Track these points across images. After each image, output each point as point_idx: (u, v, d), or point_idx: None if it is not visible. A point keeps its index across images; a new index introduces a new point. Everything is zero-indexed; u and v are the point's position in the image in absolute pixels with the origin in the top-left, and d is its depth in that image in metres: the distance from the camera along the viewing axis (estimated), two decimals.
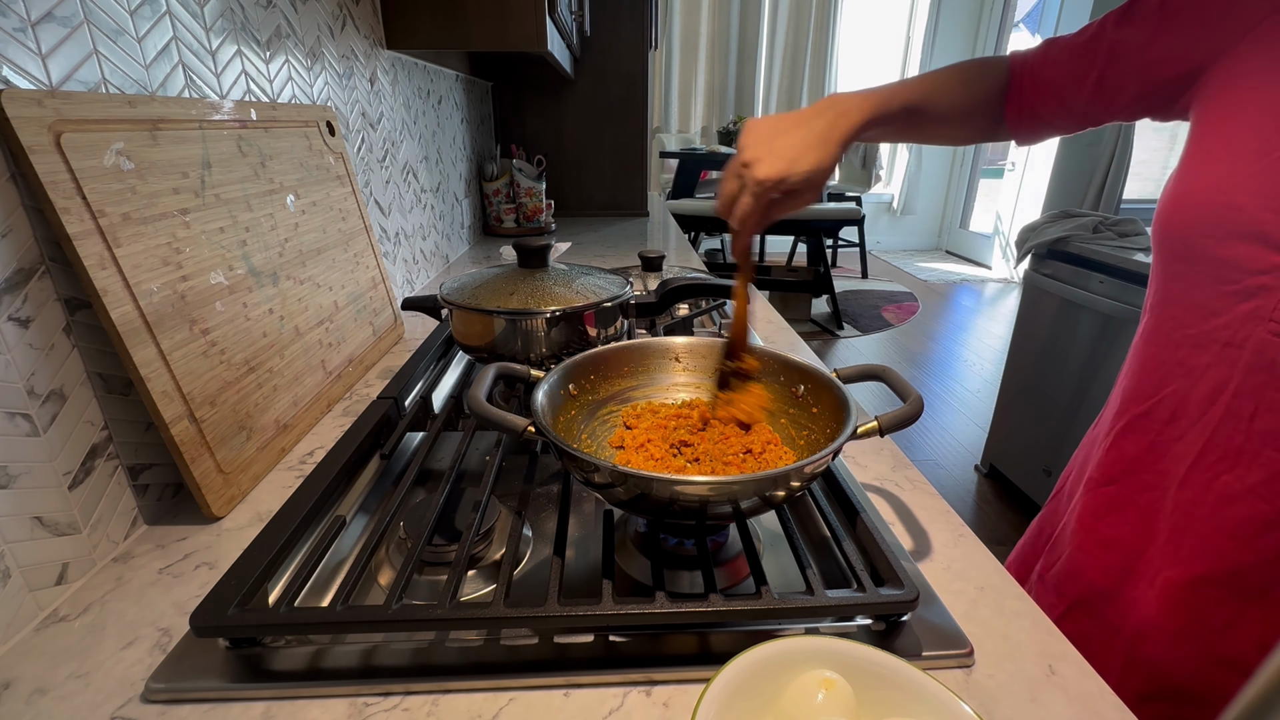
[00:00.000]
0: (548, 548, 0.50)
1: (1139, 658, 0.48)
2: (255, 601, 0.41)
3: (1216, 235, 0.43)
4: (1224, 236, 0.43)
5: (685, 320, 0.96)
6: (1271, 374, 0.41)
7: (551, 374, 0.52)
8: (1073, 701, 0.38)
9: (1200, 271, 0.45)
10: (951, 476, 2.24)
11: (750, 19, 4.76)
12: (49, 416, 0.42)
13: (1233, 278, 0.43)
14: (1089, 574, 0.54)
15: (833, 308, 3.78)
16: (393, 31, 1.06)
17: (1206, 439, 0.45)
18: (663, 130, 4.89)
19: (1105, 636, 0.48)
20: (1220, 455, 0.44)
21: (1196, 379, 0.46)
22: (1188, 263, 0.46)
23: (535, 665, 0.39)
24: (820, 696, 0.31)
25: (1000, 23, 4.90)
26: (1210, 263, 0.44)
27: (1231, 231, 0.43)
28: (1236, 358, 0.43)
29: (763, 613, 0.40)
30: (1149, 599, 0.49)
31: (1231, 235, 0.43)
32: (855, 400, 0.49)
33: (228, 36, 0.64)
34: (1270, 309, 0.41)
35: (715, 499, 0.41)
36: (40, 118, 0.41)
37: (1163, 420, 0.49)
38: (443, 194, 1.42)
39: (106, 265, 0.44)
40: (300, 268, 0.69)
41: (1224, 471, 0.44)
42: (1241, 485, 0.43)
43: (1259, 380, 0.42)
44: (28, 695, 0.37)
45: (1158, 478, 0.49)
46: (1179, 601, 0.47)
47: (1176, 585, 0.47)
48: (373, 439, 0.61)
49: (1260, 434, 0.42)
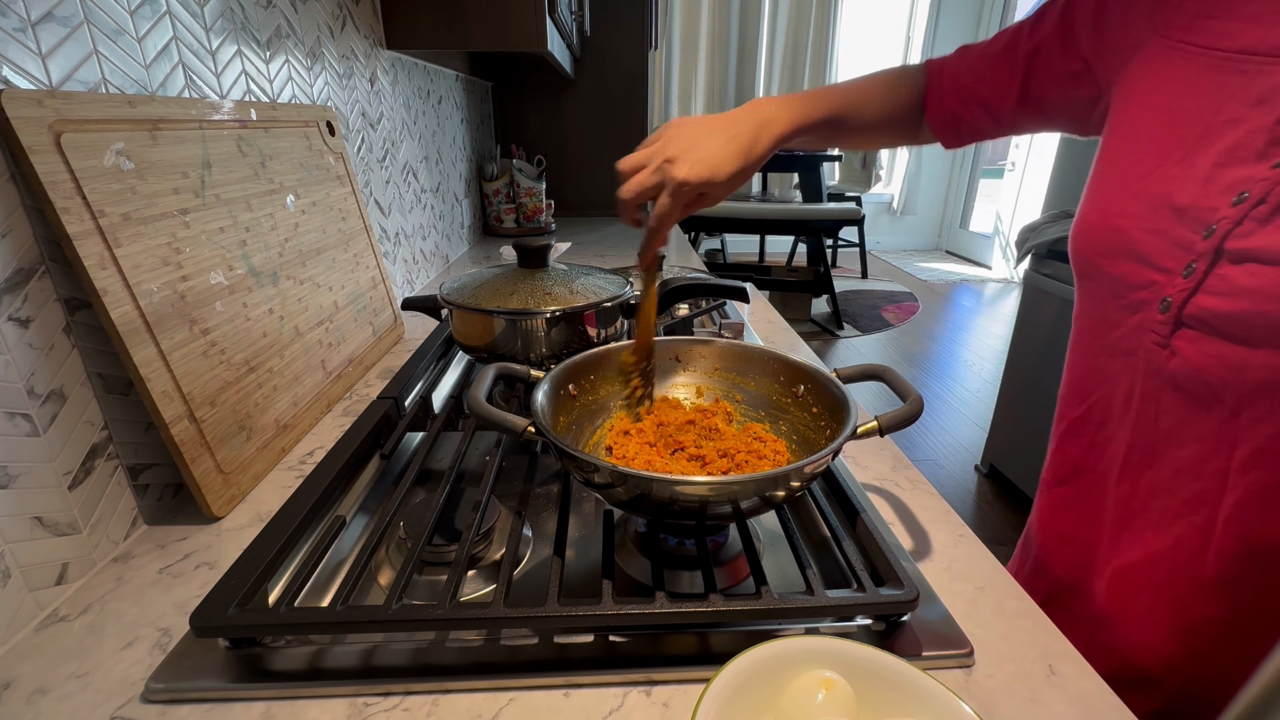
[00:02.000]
0: (548, 548, 0.50)
1: (1095, 645, 0.51)
2: (255, 601, 0.41)
3: (1107, 255, 0.47)
4: (1112, 256, 0.47)
5: (685, 320, 0.96)
6: (1160, 379, 0.45)
7: (551, 374, 0.52)
8: (1073, 701, 0.38)
9: (1100, 288, 0.49)
10: (951, 476, 2.24)
11: (750, 19, 4.76)
12: (49, 416, 0.42)
13: (1121, 293, 0.47)
14: (1054, 570, 0.57)
15: (833, 308, 3.78)
16: (393, 31, 1.06)
17: (1129, 440, 0.49)
18: None
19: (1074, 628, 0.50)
20: (1141, 455, 0.48)
21: (1113, 385, 0.50)
22: (1090, 280, 0.50)
23: (535, 665, 0.39)
24: (820, 696, 0.31)
25: (1000, 23, 4.89)
26: (1105, 280, 0.48)
27: (1116, 251, 0.46)
28: (1136, 365, 0.47)
29: (763, 613, 0.40)
30: (1101, 589, 0.52)
31: (1117, 255, 0.46)
32: (855, 400, 0.49)
33: (228, 36, 0.64)
34: (1151, 321, 0.44)
35: (715, 499, 0.41)
36: (40, 118, 0.41)
37: (1095, 424, 0.52)
38: (443, 194, 1.42)
39: (106, 265, 0.44)
40: (300, 268, 0.69)
41: (1146, 469, 0.48)
42: (1157, 480, 0.47)
43: (1154, 385, 0.45)
44: (28, 695, 0.37)
45: (1098, 477, 0.52)
46: (1115, 589, 0.50)
47: (1115, 574, 0.50)
48: (373, 439, 0.61)
49: (1164, 433, 0.45)
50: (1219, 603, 0.44)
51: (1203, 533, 0.44)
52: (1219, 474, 0.42)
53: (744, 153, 0.53)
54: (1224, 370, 0.40)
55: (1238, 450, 0.41)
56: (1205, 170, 0.41)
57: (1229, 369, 0.40)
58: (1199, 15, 0.44)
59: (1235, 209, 0.39)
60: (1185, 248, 0.41)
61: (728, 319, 0.99)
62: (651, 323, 0.57)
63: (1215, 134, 0.41)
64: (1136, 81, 0.48)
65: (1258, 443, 0.40)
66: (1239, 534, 0.42)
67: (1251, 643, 0.43)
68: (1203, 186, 0.41)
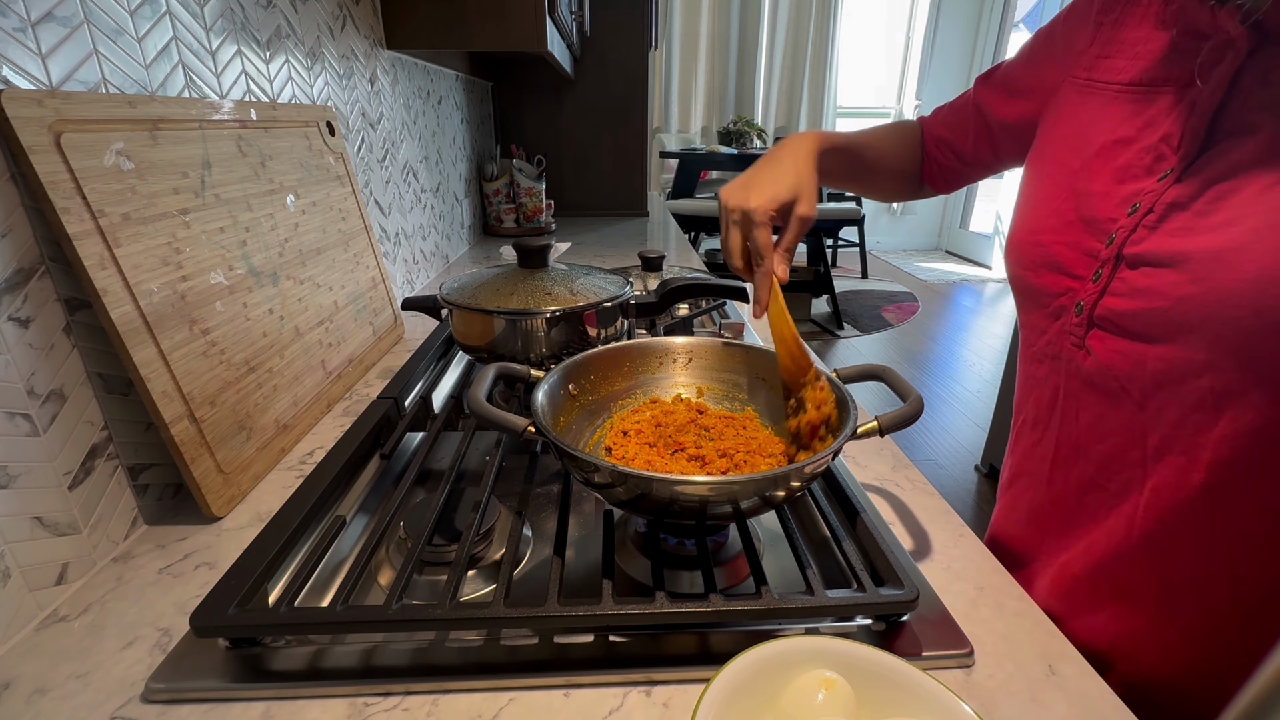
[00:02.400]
0: (548, 548, 0.50)
1: None
2: (255, 601, 0.41)
3: (1031, 268, 0.52)
4: (1035, 268, 0.52)
5: (685, 320, 0.96)
6: (1079, 379, 0.49)
7: (551, 374, 0.52)
8: (1073, 701, 0.38)
9: (1029, 299, 0.54)
10: (951, 476, 2.24)
11: (750, 19, 4.76)
12: (49, 416, 0.42)
13: (1045, 302, 0.52)
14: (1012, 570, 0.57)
15: (833, 308, 3.78)
16: (393, 31, 1.06)
17: (1056, 439, 0.52)
18: (663, 130, 4.89)
19: None
20: (1068, 452, 0.51)
21: (1043, 388, 0.54)
22: (1021, 293, 0.55)
23: (535, 665, 0.39)
24: (820, 696, 0.31)
25: (1000, 23, 4.89)
26: (1031, 291, 0.53)
27: (1039, 263, 0.52)
28: (1059, 368, 0.51)
29: (763, 613, 0.40)
30: (1046, 585, 0.54)
31: (1040, 267, 0.51)
32: (855, 400, 0.49)
33: (228, 36, 0.64)
34: (1069, 325, 0.49)
35: (715, 499, 0.41)
36: (40, 118, 0.41)
37: (1029, 426, 0.57)
38: (443, 194, 1.42)
39: (106, 265, 0.44)
40: (300, 268, 0.69)
41: (1073, 466, 0.51)
42: (1085, 475, 0.50)
43: (1074, 385, 0.50)
44: (28, 695, 0.37)
45: (1033, 478, 0.56)
46: (1058, 585, 0.53)
47: (1061, 569, 0.53)
48: (373, 439, 0.61)
49: (1085, 428, 0.49)
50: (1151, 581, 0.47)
51: (1127, 519, 0.47)
52: (1138, 463, 0.46)
53: (791, 170, 0.57)
54: (1129, 365, 0.45)
55: (1149, 439, 0.45)
56: (1105, 185, 0.47)
57: (1132, 363, 0.44)
58: (1099, 57, 0.52)
59: (1130, 219, 0.45)
60: (1093, 256, 0.47)
61: (728, 319, 0.99)
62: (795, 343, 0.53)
63: (1112, 153, 0.48)
64: (1052, 116, 0.56)
65: (1165, 430, 0.43)
66: (1157, 515, 0.45)
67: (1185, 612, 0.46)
68: (1104, 200, 0.47)
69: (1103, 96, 0.50)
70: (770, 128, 5.08)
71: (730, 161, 3.77)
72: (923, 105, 5.31)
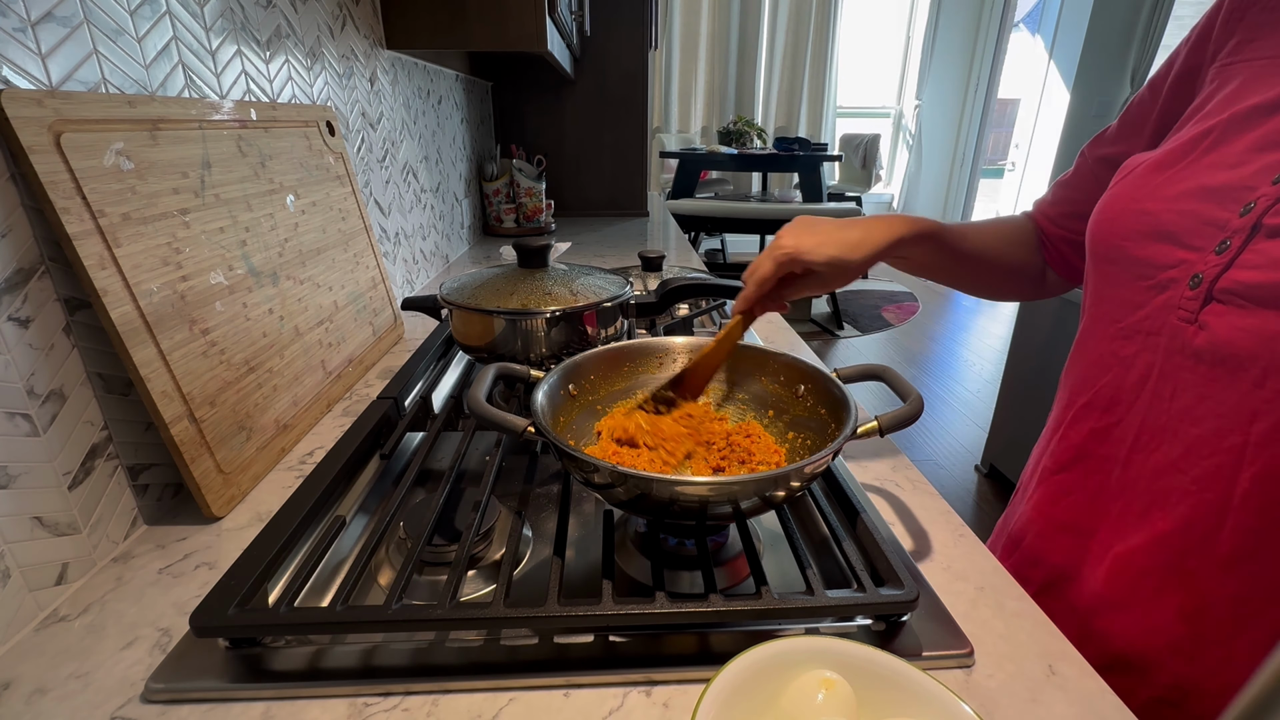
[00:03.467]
0: (548, 548, 0.50)
1: (1089, 632, 0.51)
2: (255, 602, 0.41)
3: (1133, 238, 0.50)
4: (1138, 238, 0.49)
5: (685, 320, 0.96)
6: (1183, 356, 0.46)
7: (551, 374, 0.52)
8: (1073, 701, 0.38)
9: (1124, 271, 0.51)
10: (951, 476, 2.24)
11: (750, 19, 4.76)
12: (49, 416, 0.42)
13: (1148, 274, 0.49)
14: (1050, 558, 0.57)
15: (833, 308, 3.78)
16: (393, 31, 1.06)
17: (1140, 421, 0.50)
18: (663, 130, 4.89)
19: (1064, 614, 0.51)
20: (1151, 435, 0.49)
21: (1128, 367, 0.51)
22: (1113, 264, 0.52)
23: (535, 665, 0.39)
24: (820, 696, 0.31)
25: (1000, 23, 4.90)
26: (1130, 262, 0.50)
27: (1144, 233, 0.49)
28: (1156, 344, 0.48)
29: (763, 613, 0.40)
30: (1099, 575, 0.52)
31: (1144, 237, 0.49)
32: (855, 400, 0.49)
33: (228, 36, 0.64)
34: (1179, 299, 0.46)
35: (715, 499, 0.41)
36: (40, 118, 0.41)
37: (1102, 408, 0.54)
38: (443, 194, 1.42)
39: (106, 265, 0.44)
40: (300, 268, 0.69)
41: (1155, 450, 0.48)
42: (1166, 460, 0.48)
43: (1174, 363, 0.47)
44: (28, 695, 0.37)
45: (1101, 461, 0.53)
46: (1118, 574, 0.51)
47: (1118, 559, 0.51)
48: (373, 439, 0.61)
49: (1178, 411, 0.47)
50: (1233, 580, 0.44)
51: (1216, 510, 0.44)
52: (1235, 449, 0.43)
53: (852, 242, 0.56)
54: (1253, 342, 0.42)
55: (1256, 424, 0.42)
56: (1238, 155, 0.44)
57: (1259, 340, 0.41)
58: (1241, 42, 0.49)
59: (1275, 187, 0.42)
60: (1219, 226, 0.44)
61: (728, 319, 0.99)
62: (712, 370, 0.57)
63: (1251, 120, 0.45)
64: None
65: (1278, 415, 0.41)
66: (1258, 508, 0.42)
67: (1262, 621, 0.43)
68: (1237, 169, 0.44)
69: (1244, 72, 0.47)
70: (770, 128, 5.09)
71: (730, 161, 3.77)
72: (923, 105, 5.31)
